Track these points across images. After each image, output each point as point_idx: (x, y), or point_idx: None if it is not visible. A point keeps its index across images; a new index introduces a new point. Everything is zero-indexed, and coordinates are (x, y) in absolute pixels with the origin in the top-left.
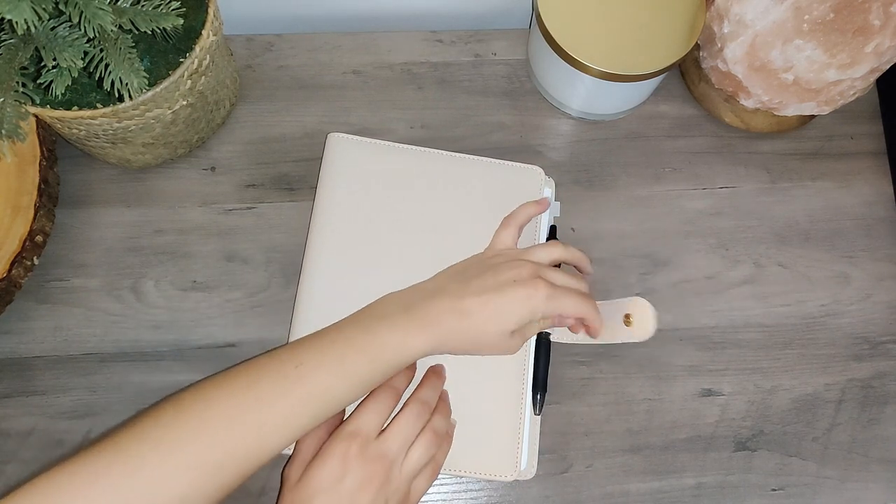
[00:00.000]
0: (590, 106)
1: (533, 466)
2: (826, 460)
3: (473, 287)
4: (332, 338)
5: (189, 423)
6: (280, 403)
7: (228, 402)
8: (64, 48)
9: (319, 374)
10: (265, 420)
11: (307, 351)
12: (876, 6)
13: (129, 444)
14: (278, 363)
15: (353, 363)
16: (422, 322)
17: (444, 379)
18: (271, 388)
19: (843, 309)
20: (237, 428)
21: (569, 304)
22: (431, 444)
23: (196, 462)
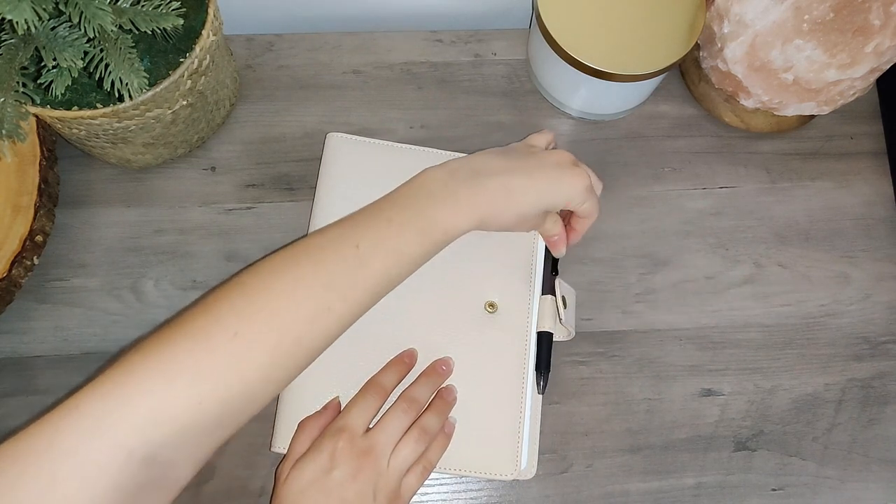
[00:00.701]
0: (590, 106)
1: (533, 466)
2: (826, 460)
3: (520, 167)
4: (386, 216)
5: (261, 313)
6: (345, 286)
7: (295, 290)
8: (64, 48)
9: (378, 257)
10: (331, 305)
11: (364, 231)
12: (876, 6)
13: (208, 331)
14: (338, 245)
15: (408, 243)
16: (471, 200)
17: (445, 375)
18: (335, 272)
19: (843, 309)
20: (306, 314)
21: (594, 203)
22: (419, 440)
23: (271, 348)
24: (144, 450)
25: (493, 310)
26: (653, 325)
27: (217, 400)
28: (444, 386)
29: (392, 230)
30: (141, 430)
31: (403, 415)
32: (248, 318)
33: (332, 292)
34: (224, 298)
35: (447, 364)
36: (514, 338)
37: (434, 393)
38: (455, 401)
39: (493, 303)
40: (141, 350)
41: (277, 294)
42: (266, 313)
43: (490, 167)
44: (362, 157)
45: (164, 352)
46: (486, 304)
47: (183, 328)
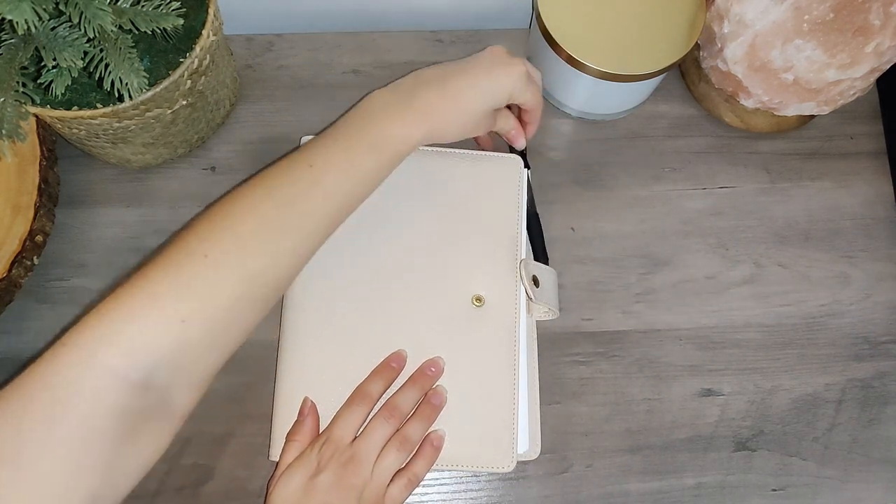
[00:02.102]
0: (590, 106)
1: (536, 446)
2: (826, 460)
3: (456, 70)
4: (333, 137)
5: (225, 238)
6: (300, 206)
7: (252, 214)
8: (64, 48)
9: (331, 173)
10: (291, 223)
11: (316, 152)
12: (876, 6)
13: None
14: (291, 168)
15: (361, 158)
16: (414, 110)
17: (434, 377)
18: (292, 190)
19: (843, 309)
20: (266, 235)
21: (535, 93)
22: (401, 449)
23: (240, 272)
24: (138, 374)
25: (480, 304)
26: (653, 325)
27: (200, 319)
28: (433, 389)
29: (342, 148)
30: (131, 355)
31: (386, 423)
32: (215, 241)
33: (291, 209)
34: (191, 229)
35: (436, 365)
36: (503, 330)
37: (421, 397)
38: (443, 404)
39: (479, 296)
40: (124, 284)
41: (239, 217)
42: (230, 235)
43: (429, 76)
44: None
45: (143, 282)
46: (473, 297)
47: (158, 260)
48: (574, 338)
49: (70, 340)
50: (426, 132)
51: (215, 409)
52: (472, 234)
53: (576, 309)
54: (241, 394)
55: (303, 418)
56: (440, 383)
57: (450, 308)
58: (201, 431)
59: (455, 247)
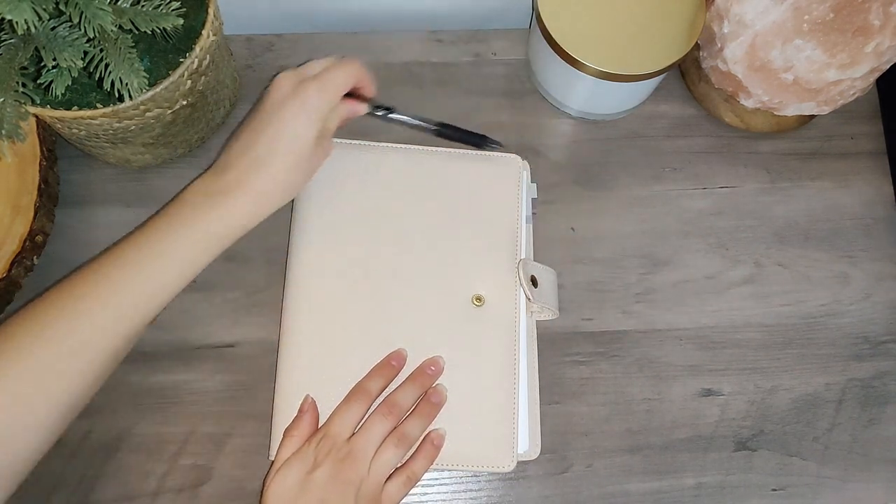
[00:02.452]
0: (590, 106)
1: (536, 445)
2: (826, 460)
3: (258, 136)
4: (141, 234)
5: (22, 340)
6: (95, 314)
7: (51, 318)
8: (64, 48)
9: (133, 276)
10: (89, 330)
11: (121, 252)
12: (876, 6)
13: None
14: (93, 272)
15: (166, 257)
16: (225, 193)
17: (434, 376)
18: (86, 298)
19: (844, 309)
20: (61, 341)
21: (339, 75)
22: (398, 446)
23: (35, 374)
24: None
25: (480, 303)
26: (653, 325)
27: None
28: (433, 387)
29: (149, 249)
30: None
31: (384, 419)
32: (7, 348)
33: (90, 326)
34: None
35: (436, 364)
36: (503, 329)
37: (421, 395)
38: (443, 402)
39: (480, 296)
40: None
41: (38, 328)
42: (26, 344)
43: (234, 151)
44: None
45: None
46: (474, 297)
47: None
48: (574, 338)
49: None
50: (252, 211)
51: (214, 410)
52: (471, 233)
53: (576, 309)
54: (239, 394)
55: (302, 414)
56: (440, 382)
57: (450, 307)
58: (200, 432)
59: (455, 246)
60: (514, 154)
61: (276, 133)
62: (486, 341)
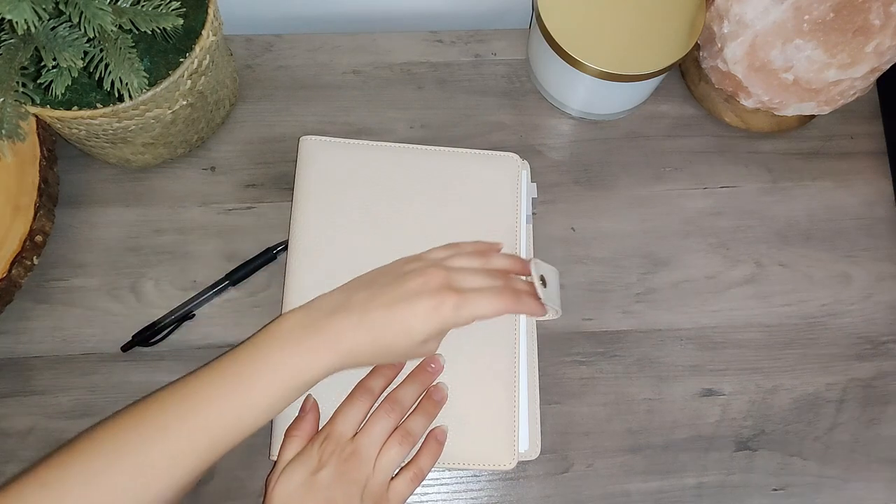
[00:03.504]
0: (590, 106)
1: (536, 445)
2: (827, 460)
3: (379, 300)
4: (223, 367)
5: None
6: (161, 442)
7: (112, 441)
8: (64, 48)
9: (206, 409)
10: (149, 459)
11: (200, 383)
12: (876, 6)
13: (21, 489)
14: (170, 397)
15: (247, 393)
16: (324, 340)
17: (434, 373)
18: (153, 425)
19: (845, 309)
20: (118, 467)
21: (483, 306)
22: (403, 443)
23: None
24: None
25: None
26: (653, 325)
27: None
28: (434, 385)
29: (226, 381)
30: None
31: (387, 416)
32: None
33: (150, 446)
34: (58, 450)
35: (436, 362)
36: (503, 329)
37: (422, 393)
38: (444, 399)
39: None
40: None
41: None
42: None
43: (350, 303)
44: (336, 159)
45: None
46: None
47: (12, 481)
48: (574, 338)
49: None
50: (338, 362)
51: None
52: (471, 233)
53: (576, 309)
54: None
55: (304, 414)
56: (441, 381)
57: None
58: None
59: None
60: (513, 153)
61: (398, 317)
62: (487, 340)
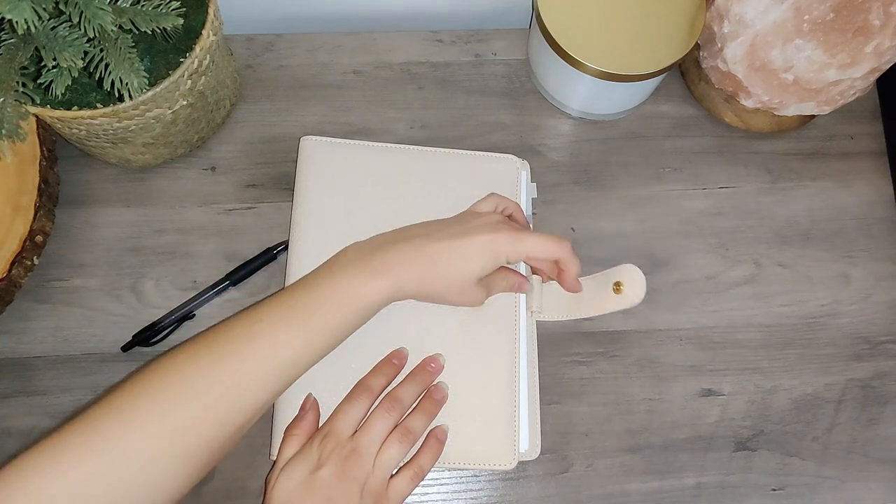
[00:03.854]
0: (590, 106)
1: (536, 446)
2: (826, 460)
3: (438, 234)
4: (291, 293)
5: (149, 390)
6: (232, 364)
7: (192, 368)
8: (64, 48)
9: (278, 331)
10: (230, 381)
11: (271, 306)
12: (876, 6)
13: (96, 413)
14: (239, 323)
15: (315, 316)
16: (383, 267)
17: (435, 373)
18: (225, 349)
19: (844, 309)
20: (194, 391)
21: (535, 242)
22: (403, 441)
23: (157, 427)
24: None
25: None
26: (653, 325)
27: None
28: (434, 384)
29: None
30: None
31: (387, 415)
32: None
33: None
34: (125, 379)
35: (436, 361)
36: (503, 328)
37: (423, 392)
38: (445, 398)
39: None
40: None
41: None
42: (154, 391)
43: (411, 233)
44: (336, 159)
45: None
46: None
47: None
48: (574, 338)
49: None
50: (394, 290)
51: None
52: None
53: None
54: None
55: (304, 413)
56: (441, 380)
57: (450, 306)
58: None
59: None
60: (511, 154)
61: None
62: (487, 340)
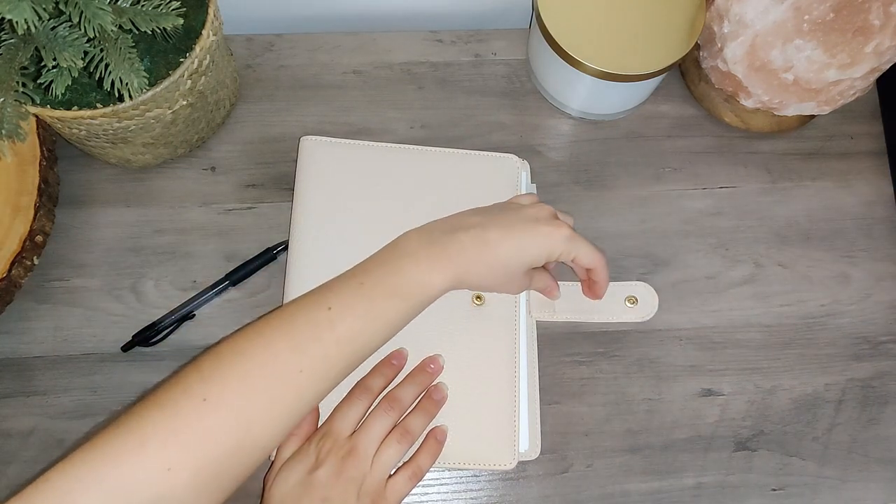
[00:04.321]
0: (590, 106)
1: (536, 446)
2: (826, 460)
3: (497, 221)
4: (359, 279)
5: (229, 377)
6: (313, 350)
7: (264, 353)
8: (64, 48)
9: (348, 318)
10: (301, 367)
11: (337, 295)
12: (876, 6)
13: (177, 399)
14: (309, 308)
15: (382, 305)
16: (446, 255)
17: (434, 373)
18: (304, 334)
19: (843, 309)
20: (275, 377)
21: (585, 249)
22: (401, 441)
23: (239, 418)
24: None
25: (480, 302)
26: (653, 325)
27: (189, 467)
28: (434, 384)
29: (363, 292)
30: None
31: (386, 415)
32: (217, 382)
33: (303, 354)
34: (194, 367)
35: (435, 362)
36: (503, 328)
37: (422, 392)
38: (444, 399)
39: (480, 295)
40: (114, 423)
41: (247, 358)
42: (234, 378)
43: (467, 222)
44: (337, 159)
45: (135, 422)
46: (474, 296)
47: (154, 399)
48: (574, 338)
49: (52, 477)
50: (454, 279)
51: None
52: None
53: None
54: None
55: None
56: (441, 380)
57: (450, 306)
58: None
59: None
60: (512, 155)
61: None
62: (487, 340)
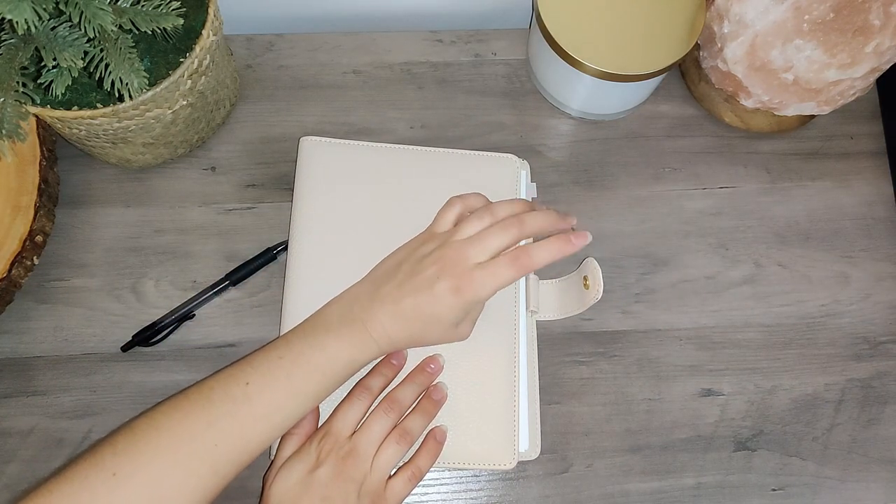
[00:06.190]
0: (590, 106)
1: (536, 446)
2: (826, 460)
3: (405, 288)
4: (279, 353)
5: (143, 451)
6: (229, 425)
7: (179, 427)
8: (64, 48)
9: (266, 394)
10: (217, 441)
11: (255, 369)
12: (876, 6)
13: (87, 474)
14: (227, 383)
15: (302, 380)
16: (366, 332)
17: (434, 374)
18: (220, 410)
19: (843, 309)
20: (189, 452)
21: (504, 273)
22: (401, 441)
23: (153, 489)
24: None
25: None
26: (653, 325)
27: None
28: (433, 385)
29: (283, 366)
30: None
31: (385, 416)
32: (129, 457)
33: (218, 430)
34: (109, 441)
35: (435, 362)
36: (503, 328)
37: (422, 393)
38: (444, 399)
39: None
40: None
41: (161, 433)
42: (147, 452)
43: (381, 294)
44: (336, 160)
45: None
46: None
47: (66, 473)
48: (574, 338)
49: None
50: (379, 352)
51: None
52: None
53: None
54: None
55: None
56: (441, 380)
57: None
58: None
59: None
60: (511, 155)
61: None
62: (487, 340)
